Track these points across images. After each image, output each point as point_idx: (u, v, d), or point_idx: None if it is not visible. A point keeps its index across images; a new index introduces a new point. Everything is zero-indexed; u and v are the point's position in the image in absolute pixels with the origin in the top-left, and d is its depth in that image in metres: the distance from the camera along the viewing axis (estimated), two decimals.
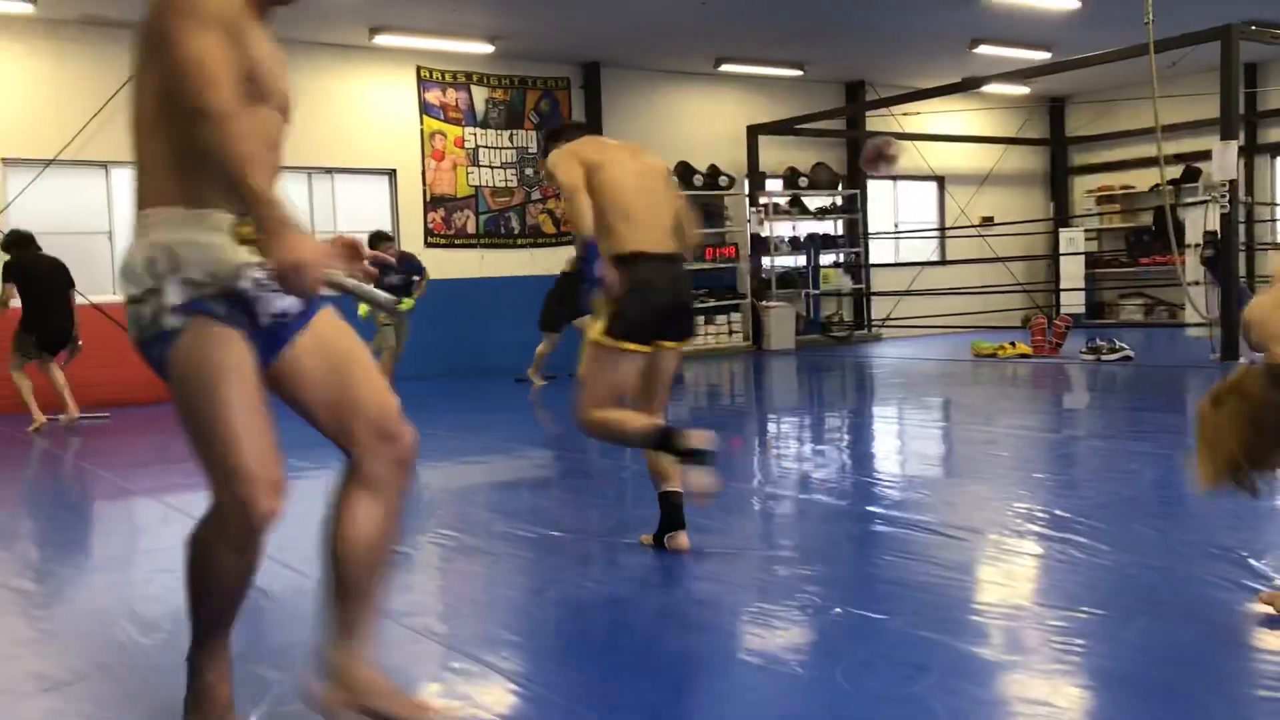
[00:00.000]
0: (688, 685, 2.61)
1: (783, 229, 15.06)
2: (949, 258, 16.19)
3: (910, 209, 16.65)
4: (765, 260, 14.62)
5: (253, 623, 2.32)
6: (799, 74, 14.47)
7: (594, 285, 3.74)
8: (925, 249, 16.48)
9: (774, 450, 6.72)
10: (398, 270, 9.73)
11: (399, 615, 3.09)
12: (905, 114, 15.05)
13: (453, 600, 3.49)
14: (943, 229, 16.55)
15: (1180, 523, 4.22)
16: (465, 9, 10.97)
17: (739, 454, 6.68)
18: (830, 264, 15.61)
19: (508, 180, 13.09)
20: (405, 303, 9.55)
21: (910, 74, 14.82)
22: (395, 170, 12.44)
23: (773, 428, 7.84)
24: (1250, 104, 14.87)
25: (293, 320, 2.14)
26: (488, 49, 12.24)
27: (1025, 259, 16.12)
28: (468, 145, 12.87)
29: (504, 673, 2.72)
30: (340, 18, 10.78)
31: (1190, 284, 10.76)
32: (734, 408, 9.68)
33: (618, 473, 5.54)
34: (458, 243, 12.79)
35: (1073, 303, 15.31)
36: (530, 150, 13.09)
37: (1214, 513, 4.12)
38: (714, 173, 14.25)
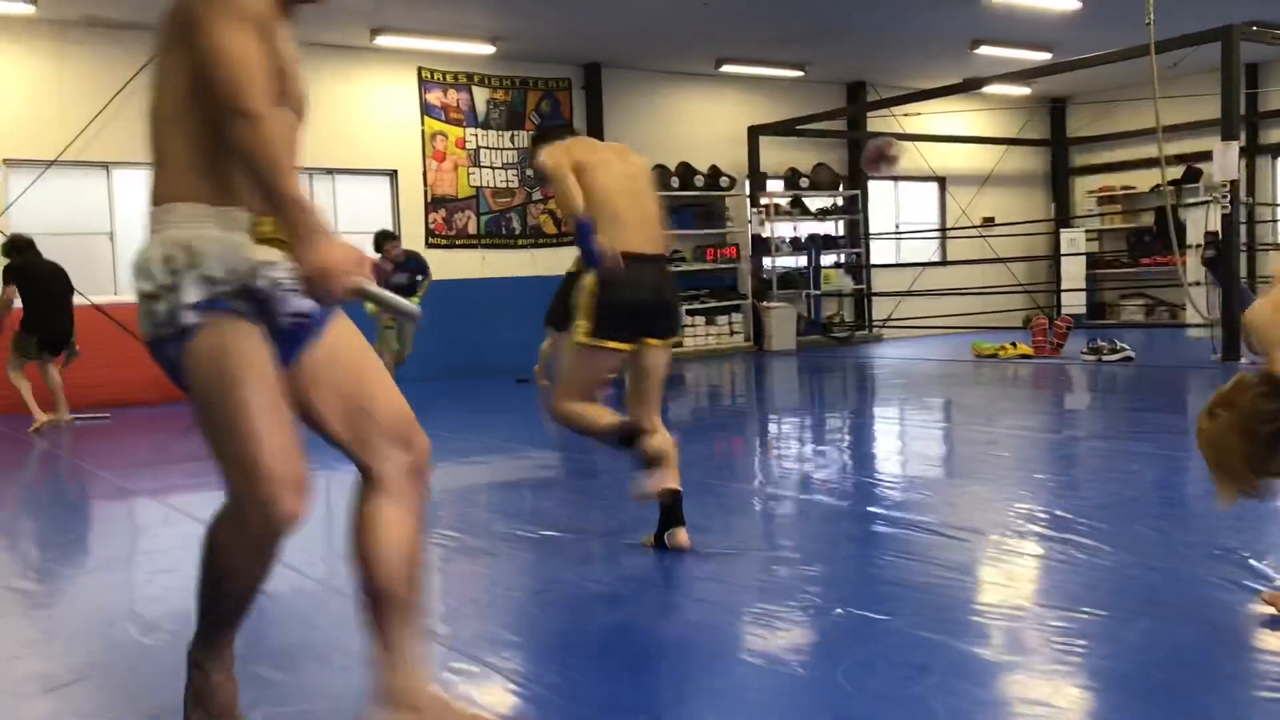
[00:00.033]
0: (688, 685, 2.61)
1: (784, 230, 15.06)
2: (950, 258, 16.19)
3: (911, 210, 16.65)
4: (766, 261, 14.62)
5: (253, 623, 2.31)
6: (800, 75, 14.47)
7: (592, 260, 3.80)
8: (926, 249, 16.48)
9: (775, 451, 6.71)
10: (403, 269, 9.72)
11: None
12: (906, 115, 15.05)
13: (453, 600, 3.49)
14: (944, 230, 16.55)
15: (1181, 523, 4.22)
16: (466, 10, 10.98)
17: (740, 454, 6.69)
18: (831, 264, 15.60)
19: (509, 181, 13.09)
20: (412, 301, 9.53)
21: (911, 75, 14.82)
22: (396, 171, 12.44)
23: (774, 428, 7.83)
24: (1251, 104, 14.87)
25: (310, 324, 2.09)
26: (489, 50, 12.24)
27: (1026, 259, 16.12)
28: (469, 146, 12.87)
29: (504, 673, 2.72)
30: (341, 18, 10.78)
31: (1191, 285, 10.76)
32: (735, 408, 9.68)
33: (619, 473, 5.53)
34: (459, 243, 12.79)
35: (1074, 303, 15.30)
36: None
37: (1215, 514, 4.11)
38: (715, 173, 14.25)
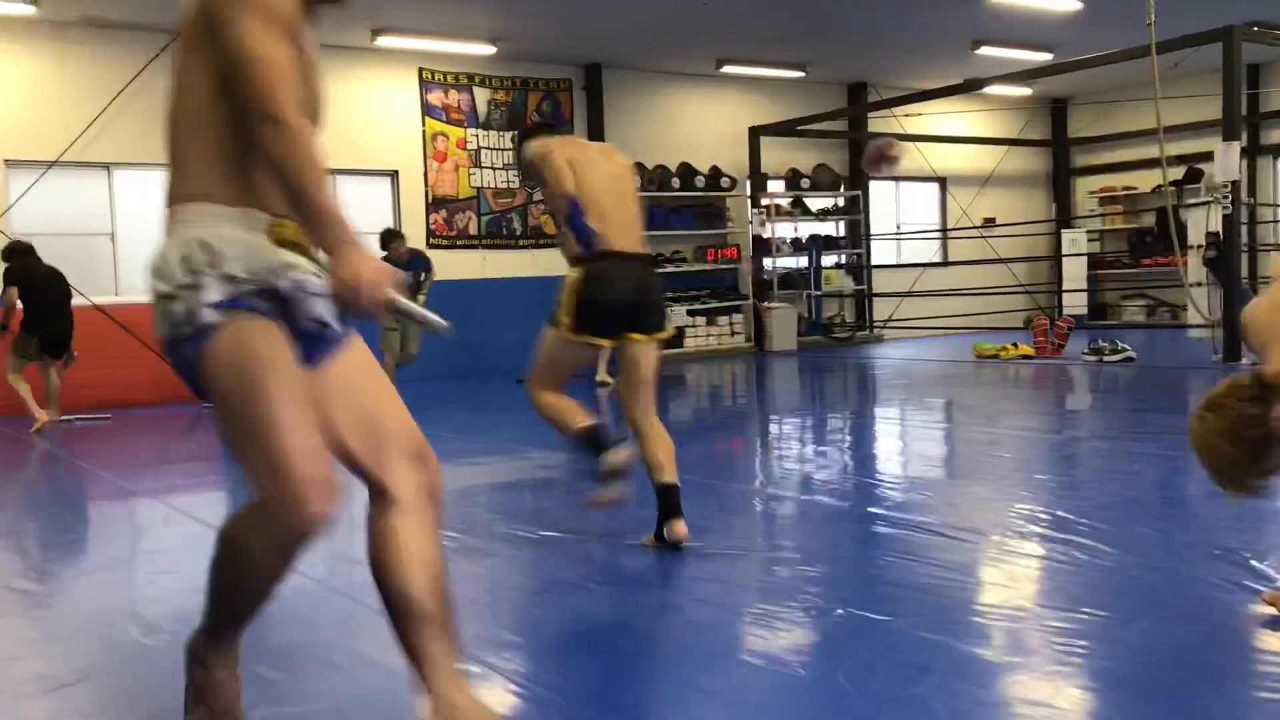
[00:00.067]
0: (689, 686, 2.61)
1: (784, 230, 15.05)
2: (951, 259, 16.18)
3: (912, 210, 16.64)
4: (767, 261, 14.61)
5: (252, 623, 2.31)
6: (801, 75, 14.46)
7: (581, 237, 3.88)
8: (927, 250, 16.47)
9: (776, 451, 6.71)
10: (408, 268, 9.71)
11: None
12: (907, 115, 15.04)
13: (454, 601, 3.48)
14: (945, 230, 16.54)
15: (1182, 524, 4.22)
16: (467, 10, 10.98)
17: (741, 455, 6.69)
18: (832, 265, 15.59)
19: (510, 181, 13.09)
20: (418, 300, 9.55)
21: (912, 75, 14.82)
22: (397, 171, 12.44)
23: (775, 429, 7.83)
24: (1252, 105, 14.85)
25: (331, 334, 2.05)
26: (490, 50, 12.24)
27: (1027, 260, 16.11)
28: (469, 146, 12.87)
29: (505, 673, 2.72)
30: (342, 19, 10.75)
31: (1192, 285, 10.75)
32: (736, 409, 9.67)
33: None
34: (460, 244, 12.79)
35: (1075, 304, 15.28)
36: None
37: (1216, 514, 4.12)
38: (716, 174, 14.24)
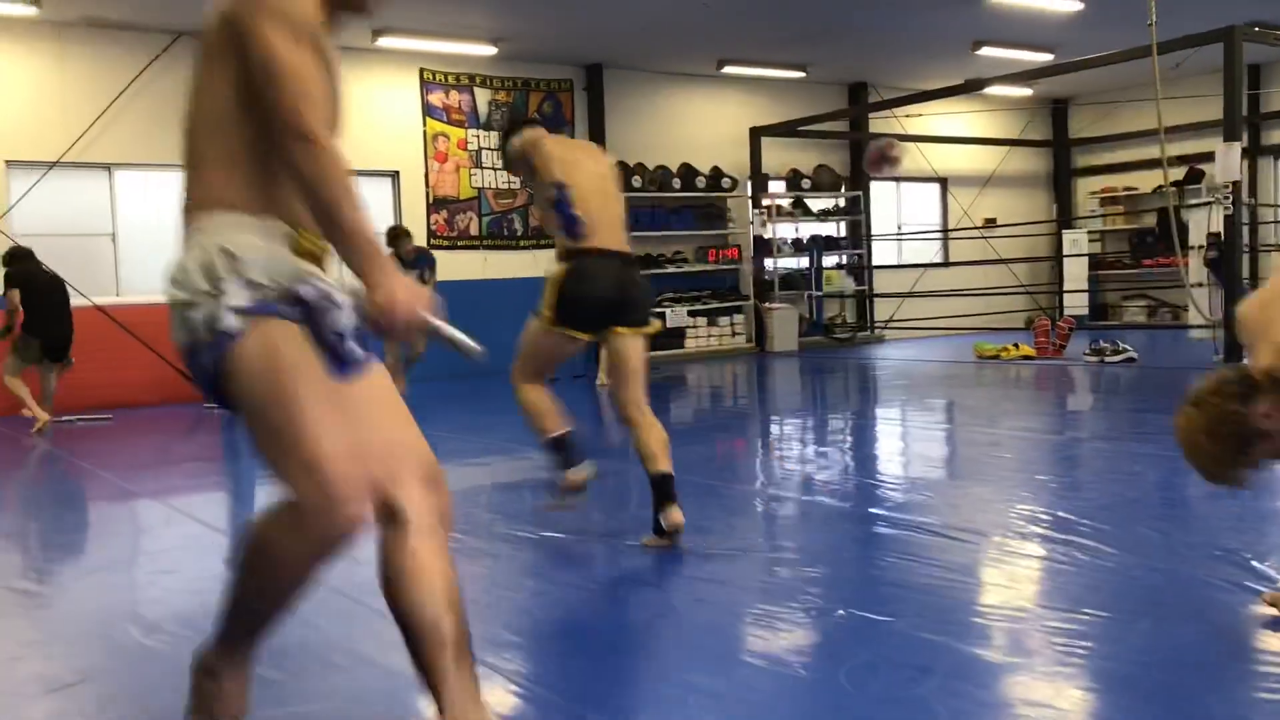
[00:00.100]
0: (690, 687, 2.61)
1: (785, 231, 15.04)
2: (952, 259, 16.17)
3: (913, 211, 16.63)
4: (768, 262, 14.61)
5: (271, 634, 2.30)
6: (801, 76, 14.46)
7: (568, 226, 3.97)
8: (928, 251, 16.46)
9: (777, 452, 6.71)
10: (413, 266, 9.70)
11: None
12: (908, 116, 15.04)
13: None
14: (945, 231, 16.53)
15: (1184, 525, 4.21)
16: (468, 11, 10.98)
17: (742, 456, 6.68)
18: (833, 266, 15.59)
19: (511, 182, 13.07)
20: None
21: (913, 76, 14.82)
22: (398, 172, 12.44)
23: (775, 429, 7.83)
24: (1253, 106, 14.85)
25: (351, 352, 2.00)
26: (490, 51, 12.24)
27: (1028, 260, 16.10)
28: (470, 147, 12.87)
29: (506, 673, 2.72)
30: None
31: (1194, 286, 10.75)
32: (737, 409, 9.67)
33: (619, 475, 5.53)
34: (460, 244, 12.79)
35: (1076, 304, 15.27)
36: None
37: (1217, 515, 4.12)
38: (716, 174, 14.24)
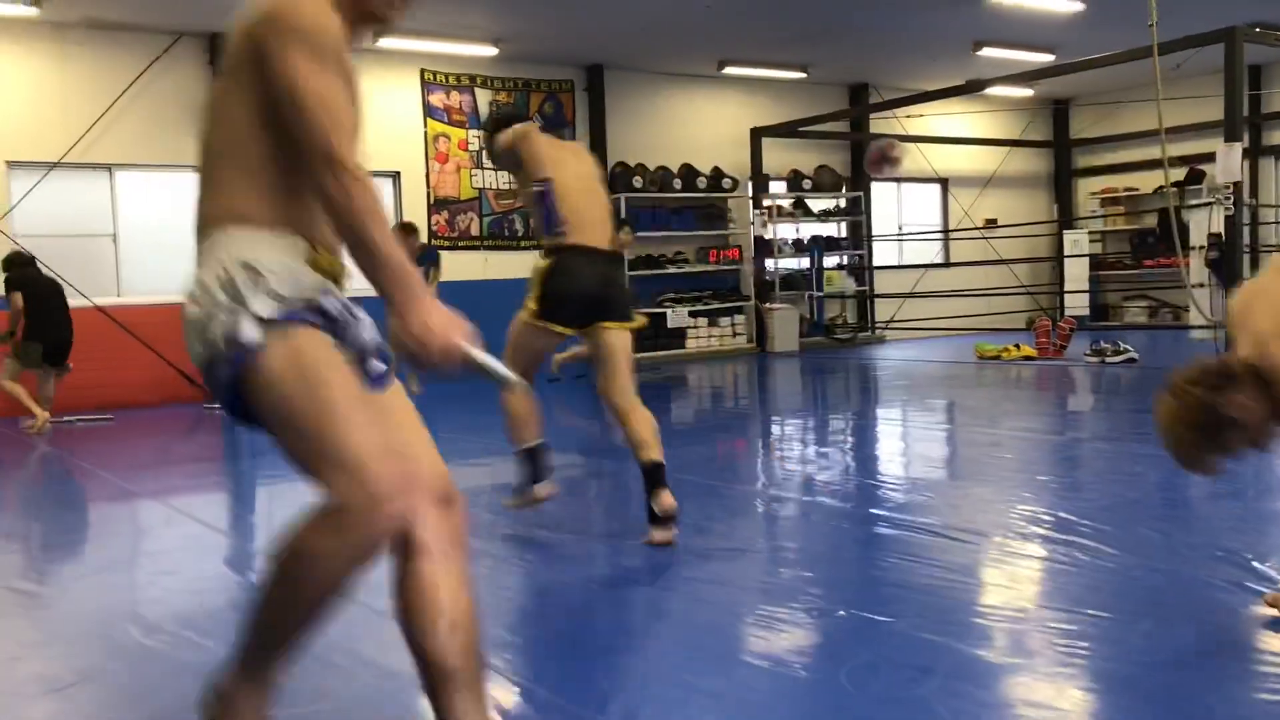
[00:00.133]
0: (690, 687, 2.61)
1: (786, 231, 15.05)
2: (953, 260, 16.16)
3: (914, 211, 16.63)
4: (769, 262, 14.61)
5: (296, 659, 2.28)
6: (802, 76, 14.46)
7: (550, 222, 4.03)
8: (929, 251, 16.45)
9: (778, 452, 6.71)
10: (419, 263, 9.68)
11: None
12: (909, 116, 15.03)
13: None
14: (946, 231, 16.53)
15: (1185, 525, 4.21)
16: (468, 11, 10.98)
17: (743, 456, 6.68)
18: (834, 266, 15.59)
19: (511, 182, 13.08)
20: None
21: (914, 76, 14.82)
22: (399, 173, 12.44)
23: (776, 430, 7.82)
24: (1254, 106, 14.85)
25: (376, 367, 1.99)
26: (491, 51, 12.24)
27: (1029, 261, 16.09)
28: (471, 148, 12.87)
29: (505, 673, 2.72)
30: None
31: (1194, 286, 10.74)
32: (738, 410, 9.67)
33: (619, 475, 5.53)
34: (461, 245, 12.80)
35: (1077, 305, 15.27)
36: None
37: (1218, 515, 4.12)
38: (717, 175, 14.24)
